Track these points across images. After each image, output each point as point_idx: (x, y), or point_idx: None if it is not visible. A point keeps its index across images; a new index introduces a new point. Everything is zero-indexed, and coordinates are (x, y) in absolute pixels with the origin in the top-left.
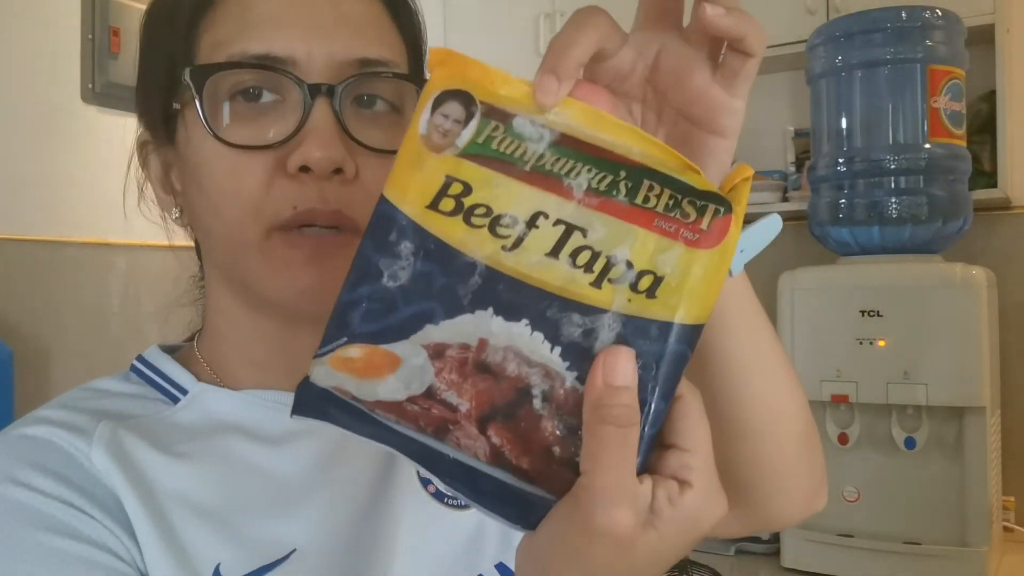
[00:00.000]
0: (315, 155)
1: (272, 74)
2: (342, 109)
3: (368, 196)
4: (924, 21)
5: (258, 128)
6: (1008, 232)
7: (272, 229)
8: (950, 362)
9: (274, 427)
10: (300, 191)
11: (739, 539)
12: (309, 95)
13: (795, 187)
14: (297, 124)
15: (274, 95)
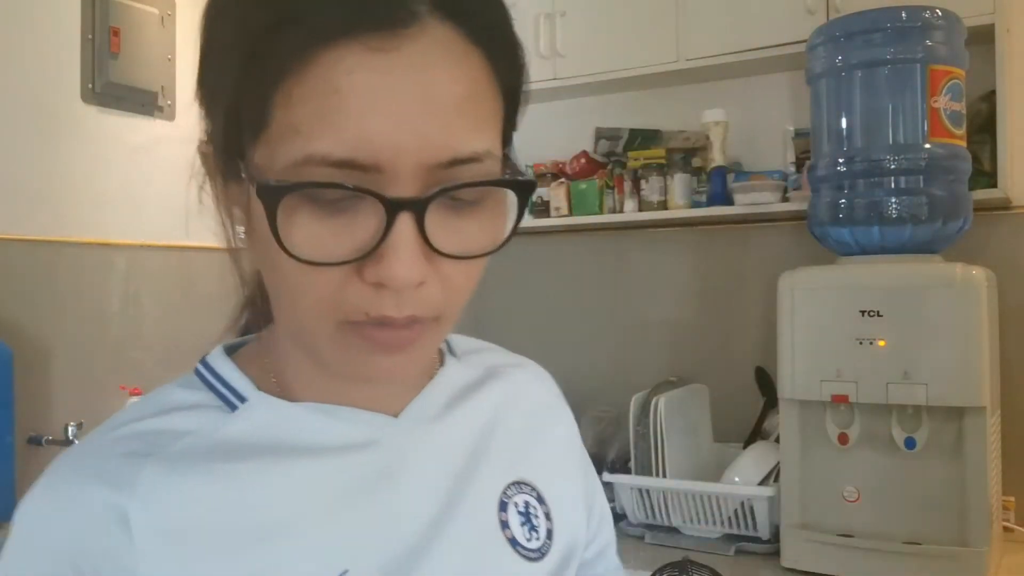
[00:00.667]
0: (394, 275)
1: (349, 191)
2: (426, 218)
3: (444, 289)
4: (924, 21)
5: (333, 234)
6: (1008, 232)
7: (344, 323)
8: (950, 362)
9: (330, 440)
10: (375, 300)
11: (739, 539)
12: (394, 208)
13: (795, 187)
14: (377, 240)
15: (353, 202)
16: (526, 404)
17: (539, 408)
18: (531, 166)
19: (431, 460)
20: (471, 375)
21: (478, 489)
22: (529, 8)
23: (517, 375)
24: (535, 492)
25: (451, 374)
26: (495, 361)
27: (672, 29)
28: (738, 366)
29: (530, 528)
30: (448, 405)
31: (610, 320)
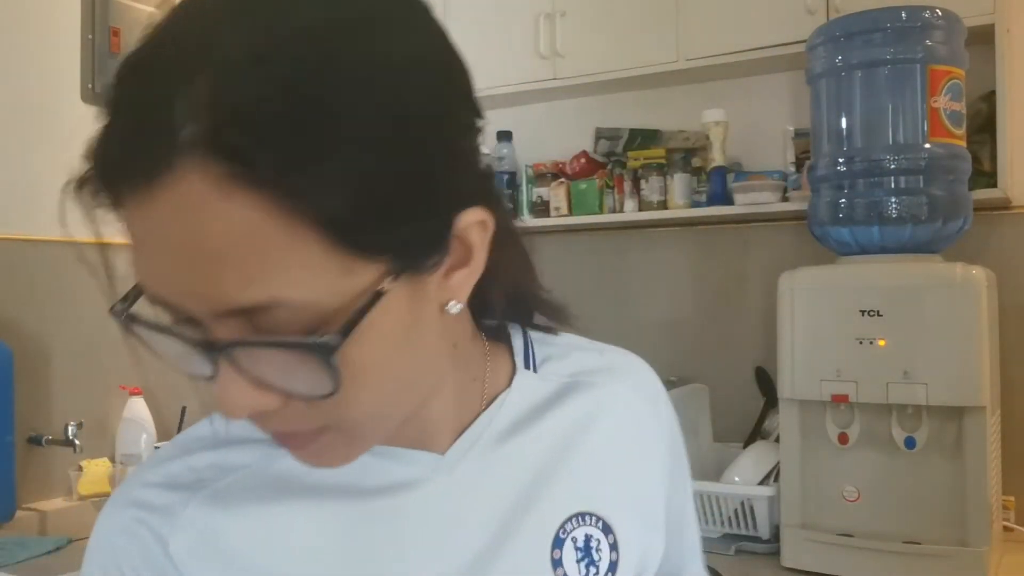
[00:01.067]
0: (230, 412)
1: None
2: (242, 357)
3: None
4: (924, 21)
5: (187, 354)
6: (1008, 232)
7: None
8: (950, 362)
9: (373, 480)
10: (266, 422)
11: (739, 539)
12: (209, 351)
13: (795, 187)
14: (212, 371)
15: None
16: (610, 421)
17: (626, 424)
18: (531, 166)
19: (478, 497)
20: (545, 391)
21: (531, 525)
22: (529, 8)
23: (608, 385)
24: (600, 522)
25: (516, 397)
26: (584, 366)
27: (672, 29)
28: (738, 366)
29: (588, 563)
30: (510, 431)
31: (610, 320)
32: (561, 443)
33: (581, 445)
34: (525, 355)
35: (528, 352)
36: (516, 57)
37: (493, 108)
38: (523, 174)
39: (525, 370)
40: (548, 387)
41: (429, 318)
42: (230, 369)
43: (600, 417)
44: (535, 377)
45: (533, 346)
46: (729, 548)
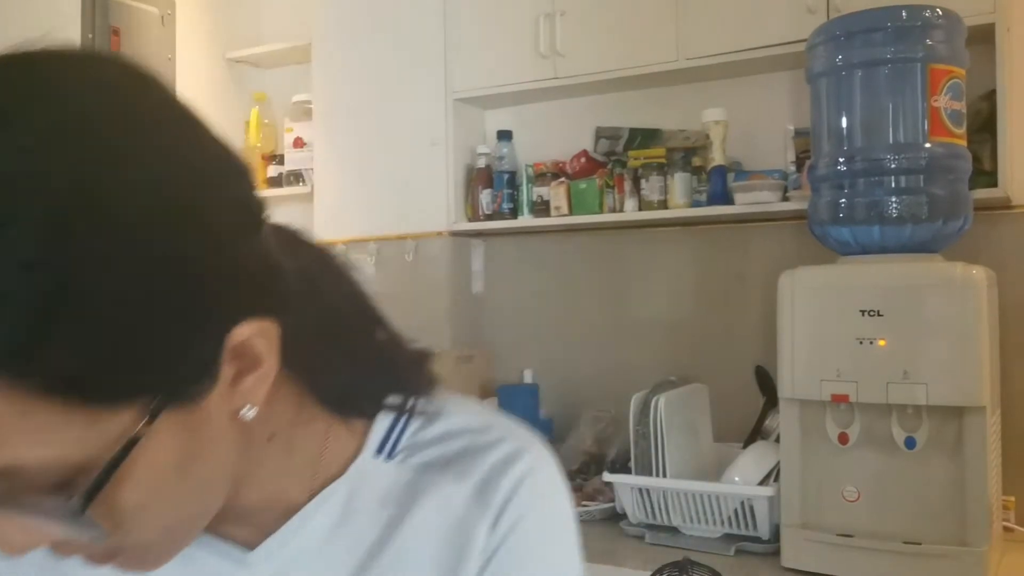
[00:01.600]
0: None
1: None
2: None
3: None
4: (924, 20)
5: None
6: (1008, 232)
7: None
8: (950, 362)
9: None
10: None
11: (739, 539)
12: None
13: (795, 186)
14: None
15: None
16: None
17: (448, 534)
18: (531, 165)
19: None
20: (391, 480)
21: None
22: (529, 8)
23: (447, 492)
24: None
25: (349, 487)
26: (444, 456)
27: (672, 29)
28: (738, 366)
29: None
30: (332, 529)
31: (610, 320)
32: (375, 548)
33: (383, 559)
34: (385, 438)
35: (390, 435)
36: (516, 57)
37: (493, 108)
38: (523, 174)
39: (375, 456)
40: (398, 477)
41: (216, 432)
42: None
43: (423, 516)
44: (386, 465)
45: (404, 428)
46: (729, 548)
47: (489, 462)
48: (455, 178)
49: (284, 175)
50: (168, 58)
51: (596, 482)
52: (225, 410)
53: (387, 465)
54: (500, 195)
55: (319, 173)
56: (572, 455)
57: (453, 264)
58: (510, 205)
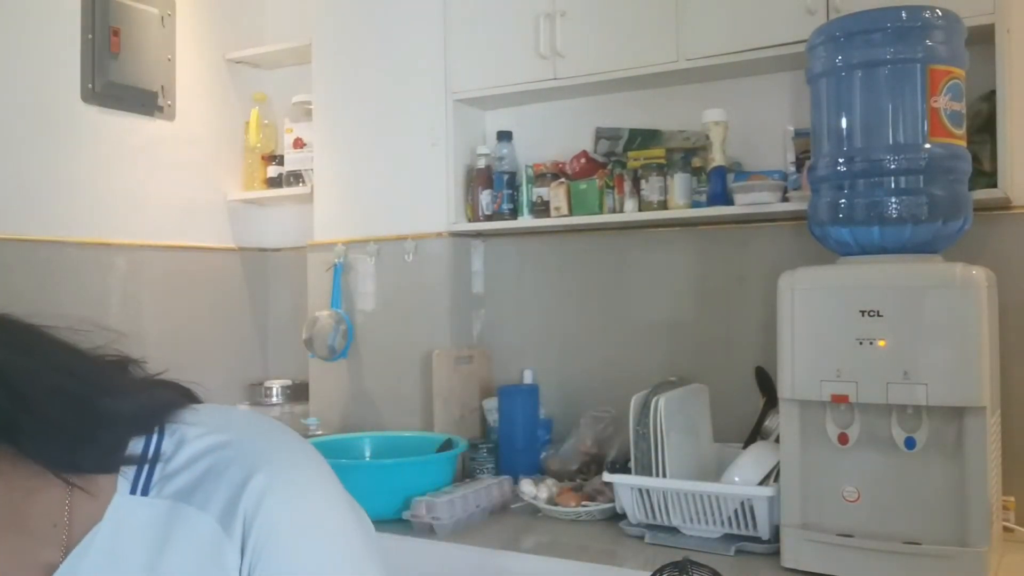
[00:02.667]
0: None
1: None
2: None
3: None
4: (924, 21)
5: None
6: (1008, 232)
7: None
8: (950, 362)
9: None
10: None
11: (739, 539)
12: None
13: (795, 187)
14: None
15: None
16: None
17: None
18: (531, 166)
19: None
20: (146, 516)
21: None
22: (529, 8)
23: (196, 522)
24: None
25: (102, 536)
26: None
27: (672, 29)
28: (738, 366)
29: None
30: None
31: (610, 320)
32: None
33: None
34: (136, 476)
35: (140, 475)
36: (516, 57)
37: (493, 108)
38: (523, 174)
39: (131, 495)
40: (155, 510)
41: None
42: None
43: (169, 554)
44: (140, 502)
45: (156, 461)
46: (729, 548)
47: (226, 485)
48: (455, 178)
49: (284, 175)
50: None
51: (596, 482)
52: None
53: (144, 500)
54: (500, 196)
55: (319, 173)
56: (572, 455)
57: (453, 264)
58: (510, 206)
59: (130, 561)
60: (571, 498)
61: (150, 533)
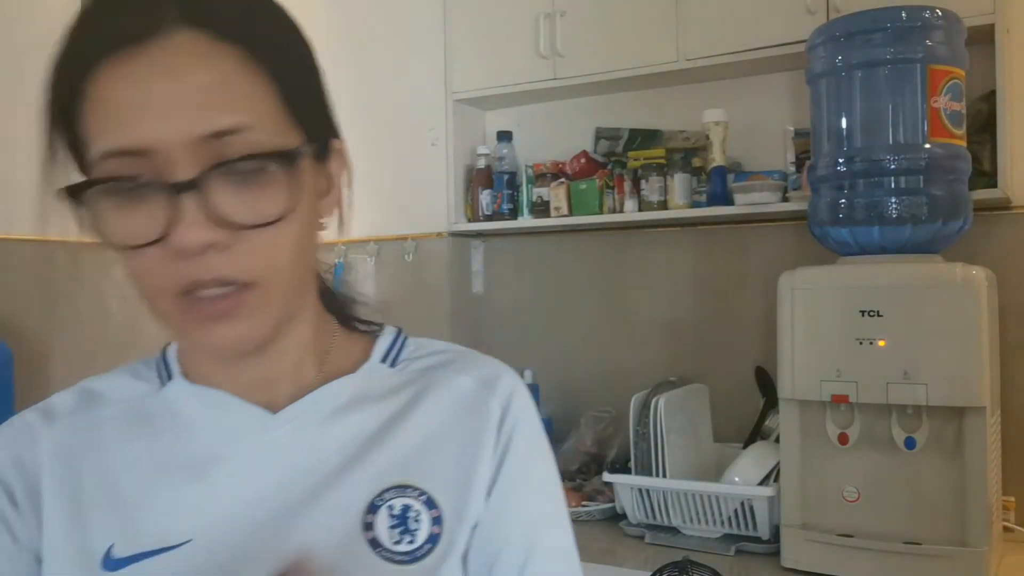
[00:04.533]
0: (182, 244)
1: (130, 181)
2: (210, 187)
3: (251, 254)
4: (924, 21)
5: (134, 220)
6: (1008, 232)
7: (176, 295)
8: (950, 362)
9: (206, 423)
10: (184, 266)
11: (739, 539)
12: (174, 191)
13: (795, 187)
14: (166, 219)
15: (144, 186)
16: (439, 404)
17: (455, 408)
18: (531, 166)
19: (300, 458)
20: (394, 380)
21: (347, 489)
22: (529, 8)
23: (449, 376)
24: (423, 496)
25: (357, 382)
26: (441, 363)
27: (672, 29)
28: (738, 366)
29: (403, 531)
30: (344, 408)
31: (610, 320)
32: (389, 423)
33: (408, 425)
34: (388, 351)
35: (392, 348)
36: (516, 57)
37: (493, 108)
38: (523, 174)
39: (380, 363)
40: (398, 379)
41: (313, 214)
42: (193, 207)
43: (430, 400)
44: (389, 370)
45: (403, 347)
46: (729, 548)
47: (480, 367)
48: (455, 179)
49: None
50: None
51: (596, 482)
52: (315, 206)
53: (391, 370)
54: (500, 196)
55: None
56: (572, 455)
57: (453, 264)
58: (510, 206)
59: (374, 408)
60: (571, 498)
61: (399, 393)
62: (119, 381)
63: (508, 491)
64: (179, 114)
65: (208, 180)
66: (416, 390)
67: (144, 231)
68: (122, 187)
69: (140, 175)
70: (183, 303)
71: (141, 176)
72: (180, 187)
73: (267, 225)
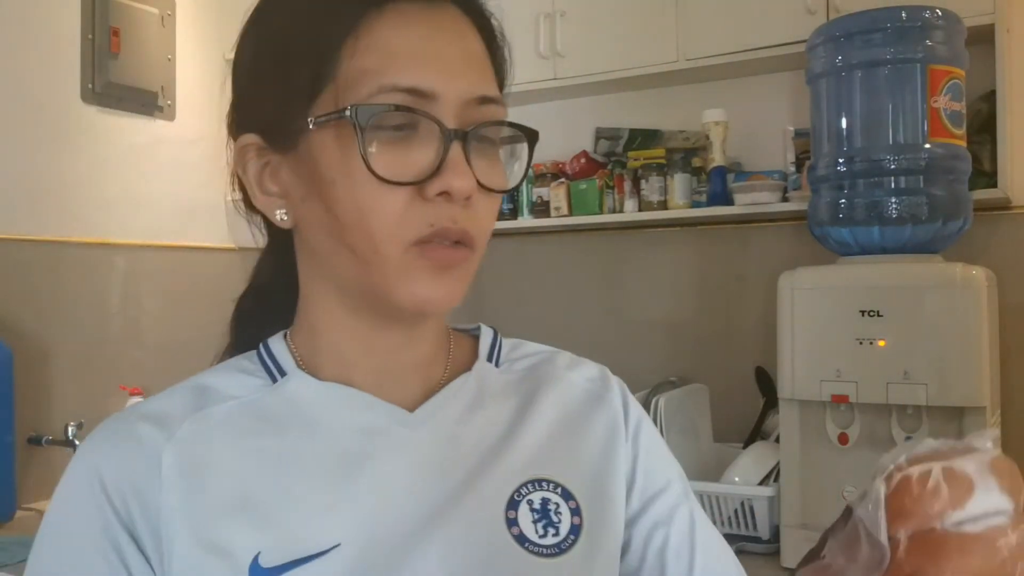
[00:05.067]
0: (455, 184)
1: (419, 115)
2: (472, 145)
3: (479, 217)
4: (924, 21)
5: (401, 158)
6: (1008, 232)
7: (410, 244)
8: (950, 362)
9: (345, 421)
10: (437, 212)
11: (739, 539)
12: (449, 137)
13: (795, 187)
14: (439, 161)
15: (413, 128)
16: (558, 400)
17: (573, 403)
18: (531, 166)
19: (440, 456)
20: (503, 380)
21: (487, 487)
22: (529, 8)
23: (560, 374)
24: (559, 488)
25: (477, 380)
26: (542, 363)
27: (672, 29)
28: (738, 366)
29: (546, 524)
30: (471, 406)
31: (610, 320)
32: (515, 420)
33: (533, 421)
34: (491, 351)
35: (494, 347)
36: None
37: None
38: None
39: (487, 362)
40: (506, 377)
41: None
42: (460, 157)
43: (547, 396)
44: (495, 369)
45: (501, 346)
46: None
47: (587, 365)
48: None
49: None
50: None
51: None
52: None
53: (497, 370)
54: None
55: None
56: None
57: None
58: (510, 206)
59: (498, 402)
60: None
61: (515, 391)
62: (228, 376)
63: (655, 473)
64: (464, 72)
65: (473, 137)
66: (529, 388)
67: (414, 168)
68: (399, 120)
69: (423, 114)
70: (414, 251)
71: (424, 116)
72: (456, 134)
73: (500, 192)
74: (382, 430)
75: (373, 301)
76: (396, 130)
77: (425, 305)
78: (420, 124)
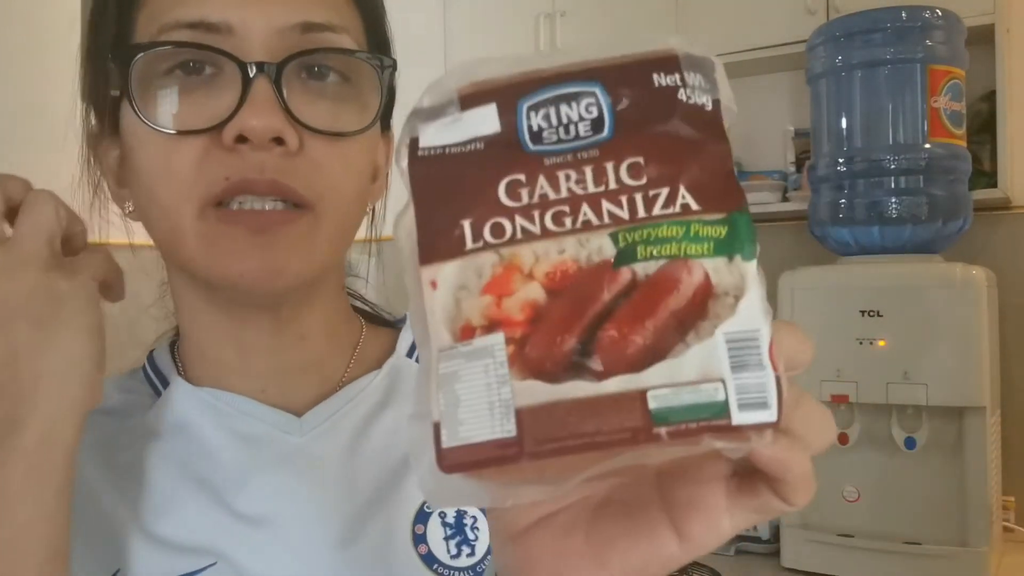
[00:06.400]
0: (250, 123)
1: (205, 51)
2: (285, 83)
3: (314, 170)
4: (924, 21)
5: (193, 105)
6: (1008, 232)
7: (206, 205)
8: (950, 362)
9: (225, 432)
10: (234, 162)
11: (739, 539)
12: (247, 72)
13: (795, 187)
14: (235, 104)
15: (211, 68)
16: None
17: None
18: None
19: (338, 466)
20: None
21: (391, 499)
22: (529, 8)
23: None
24: None
25: (387, 379)
26: None
27: (672, 29)
28: None
29: (461, 542)
30: (376, 410)
31: None
32: None
33: None
34: (413, 345)
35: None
36: None
37: None
38: None
39: (407, 358)
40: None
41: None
42: (266, 93)
43: None
44: (416, 365)
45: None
46: (729, 548)
47: None
48: None
49: None
50: None
51: None
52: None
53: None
54: None
55: None
56: None
57: None
58: None
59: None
60: None
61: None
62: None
63: None
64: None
65: (287, 70)
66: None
67: (202, 113)
68: (183, 58)
69: (209, 48)
70: (213, 216)
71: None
72: (256, 67)
73: (339, 137)
74: (263, 439)
75: (207, 283)
76: (188, 74)
77: (238, 280)
78: (215, 61)
